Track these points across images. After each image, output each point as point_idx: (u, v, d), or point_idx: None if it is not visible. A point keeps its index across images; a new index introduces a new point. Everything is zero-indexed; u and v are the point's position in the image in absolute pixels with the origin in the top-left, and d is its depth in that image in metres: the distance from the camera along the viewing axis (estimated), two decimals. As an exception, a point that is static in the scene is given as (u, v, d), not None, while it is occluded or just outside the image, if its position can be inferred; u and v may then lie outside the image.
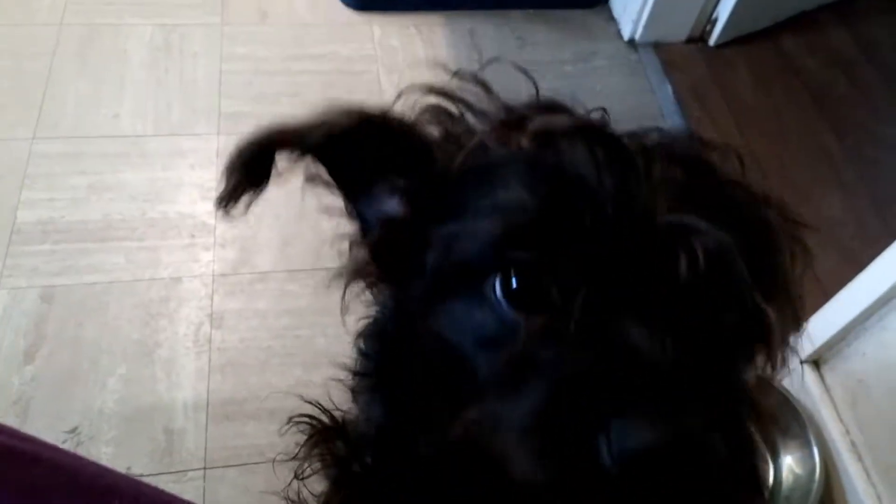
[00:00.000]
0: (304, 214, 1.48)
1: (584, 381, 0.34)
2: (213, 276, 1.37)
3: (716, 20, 1.87)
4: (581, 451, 0.32)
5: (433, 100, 0.46)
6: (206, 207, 1.47)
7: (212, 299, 1.34)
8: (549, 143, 0.40)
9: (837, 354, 1.21)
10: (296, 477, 0.65)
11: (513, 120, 0.43)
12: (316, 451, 0.58)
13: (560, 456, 0.33)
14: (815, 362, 1.25)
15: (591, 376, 0.34)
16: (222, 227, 1.44)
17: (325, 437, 0.57)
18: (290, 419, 0.67)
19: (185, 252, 1.40)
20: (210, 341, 1.28)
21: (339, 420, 0.60)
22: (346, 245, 0.53)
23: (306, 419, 0.64)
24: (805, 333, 1.27)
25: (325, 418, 0.61)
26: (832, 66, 1.95)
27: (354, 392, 0.58)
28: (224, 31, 1.81)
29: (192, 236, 1.42)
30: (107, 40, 1.74)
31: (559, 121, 0.41)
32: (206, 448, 1.16)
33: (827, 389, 1.23)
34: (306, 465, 0.62)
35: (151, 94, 1.65)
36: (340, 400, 0.69)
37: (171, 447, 1.15)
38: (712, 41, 1.90)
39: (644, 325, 0.36)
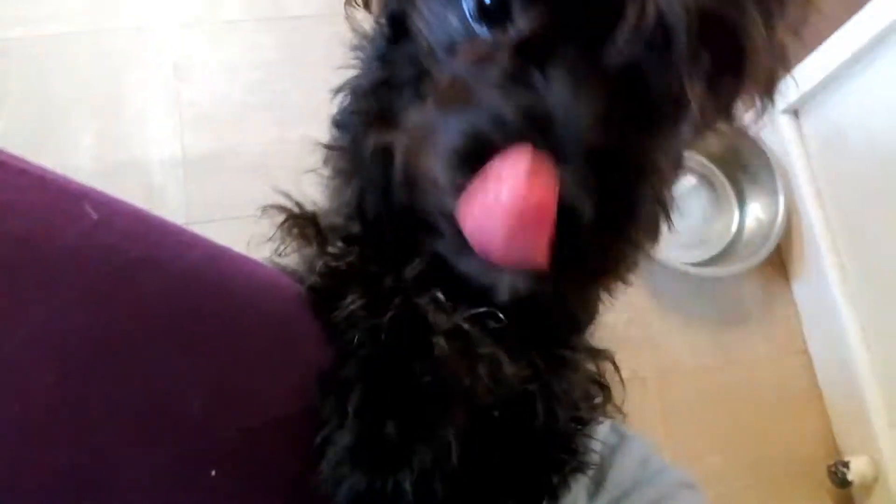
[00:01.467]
0: (267, -45, 1.36)
1: (503, 114, 0.36)
2: (178, 25, 1.30)
3: None
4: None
5: None
6: (161, -52, 1.34)
7: (178, 51, 1.28)
8: None
9: (821, 102, 1.18)
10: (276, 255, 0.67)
11: None
12: (292, 232, 0.60)
13: (465, 174, 0.36)
14: (795, 111, 1.23)
15: (509, 113, 0.36)
16: (181, -29, 1.34)
17: (298, 224, 0.58)
18: (262, 208, 0.68)
19: None
20: (178, 95, 1.25)
21: (311, 212, 0.61)
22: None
23: (278, 208, 0.65)
24: (790, 79, 1.23)
25: (294, 208, 0.62)
26: None
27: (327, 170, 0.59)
28: None
29: (151, -19, 1.32)
30: None
31: None
32: (186, 203, 1.19)
33: (802, 138, 1.22)
34: (283, 245, 0.64)
35: None
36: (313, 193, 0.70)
37: (151, 203, 1.18)
38: None
39: (571, 78, 0.36)
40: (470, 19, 0.40)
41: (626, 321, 1.21)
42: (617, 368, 0.57)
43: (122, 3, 1.31)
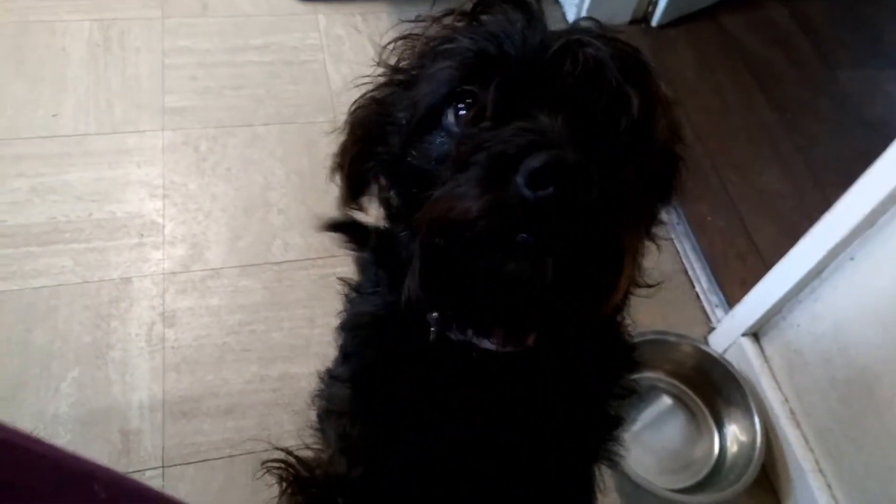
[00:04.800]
0: (253, 209, 1.48)
1: (505, 148, 0.46)
2: (164, 274, 1.37)
3: (657, 1, 1.90)
4: (505, 187, 0.44)
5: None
6: (154, 205, 1.46)
7: (163, 298, 1.33)
8: (475, 16, 0.56)
9: (775, 326, 1.26)
10: None
11: (446, 13, 0.59)
12: (293, 499, 0.63)
13: (493, 193, 0.45)
14: (755, 334, 1.31)
15: (510, 144, 0.46)
16: (171, 225, 1.44)
17: (300, 487, 0.61)
18: (263, 464, 0.71)
19: (135, 252, 1.39)
20: (163, 340, 1.28)
21: (310, 464, 0.64)
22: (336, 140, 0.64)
23: (277, 464, 0.68)
24: (745, 306, 1.31)
25: (295, 464, 0.65)
26: (771, 43, 2.00)
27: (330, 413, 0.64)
28: (165, 25, 1.78)
29: (141, 235, 1.41)
30: (43, 38, 1.70)
31: None
32: (163, 447, 1.16)
33: (766, 360, 1.28)
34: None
35: (92, 92, 1.62)
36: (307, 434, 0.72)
37: (127, 448, 1.15)
38: (654, 22, 1.93)
39: (543, 110, 0.49)
40: (452, 129, 0.53)
41: (621, 558, 1.15)
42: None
43: (109, 257, 1.38)
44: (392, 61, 0.62)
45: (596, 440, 0.66)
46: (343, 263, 1.44)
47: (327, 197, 1.57)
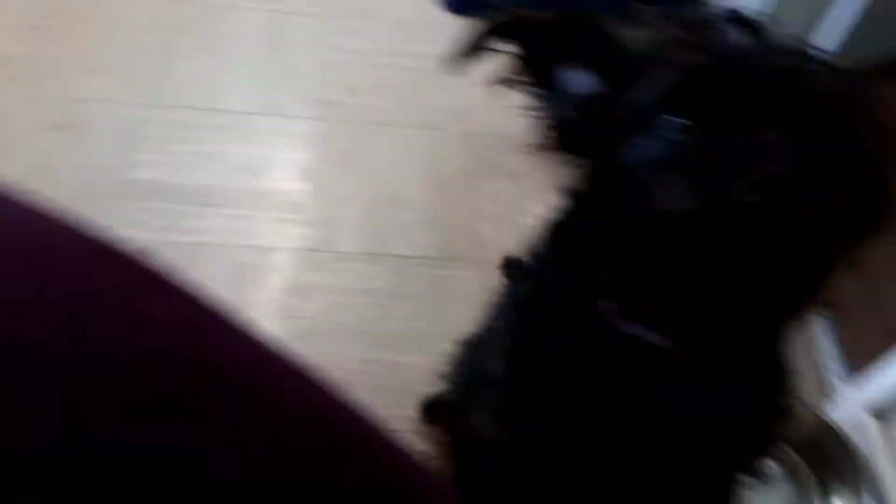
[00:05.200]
0: (386, 203, 1.56)
1: (726, 156, 0.47)
2: (299, 250, 1.46)
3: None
4: (722, 192, 0.46)
5: None
6: (298, 186, 1.56)
7: (295, 271, 1.42)
8: (696, 27, 0.56)
9: (905, 406, 1.19)
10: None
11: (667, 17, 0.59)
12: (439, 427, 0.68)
13: (709, 197, 0.47)
14: (882, 414, 1.24)
15: (731, 153, 0.48)
16: (312, 207, 1.53)
17: (457, 444, 0.66)
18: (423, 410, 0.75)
19: (276, 225, 1.49)
20: (290, 310, 1.36)
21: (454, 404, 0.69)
22: (535, 128, 0.64)
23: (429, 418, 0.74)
24: (873, 383, 1.26)
25: (451, 422, 0.70)
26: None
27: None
28: (328, 23, 1.90)
29: (284, 212, 1.51)
30: (222, 22, 1.86)
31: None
32: (275, 409, 1.23)
33: (890, 442, 1.21)
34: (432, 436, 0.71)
35: (259, 76, 1.75)
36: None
37: (244, 403, 1.23)
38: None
39: (762, 127, 0.49)
40: (664, 135, 0.53)
41: None
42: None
43: (253, 226, 1.49)
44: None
45: (746, 453, 0.66)
46: (462, 268, 1.49)
47: (457, 202, 1.63)
